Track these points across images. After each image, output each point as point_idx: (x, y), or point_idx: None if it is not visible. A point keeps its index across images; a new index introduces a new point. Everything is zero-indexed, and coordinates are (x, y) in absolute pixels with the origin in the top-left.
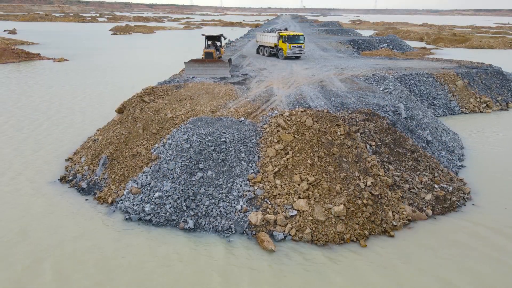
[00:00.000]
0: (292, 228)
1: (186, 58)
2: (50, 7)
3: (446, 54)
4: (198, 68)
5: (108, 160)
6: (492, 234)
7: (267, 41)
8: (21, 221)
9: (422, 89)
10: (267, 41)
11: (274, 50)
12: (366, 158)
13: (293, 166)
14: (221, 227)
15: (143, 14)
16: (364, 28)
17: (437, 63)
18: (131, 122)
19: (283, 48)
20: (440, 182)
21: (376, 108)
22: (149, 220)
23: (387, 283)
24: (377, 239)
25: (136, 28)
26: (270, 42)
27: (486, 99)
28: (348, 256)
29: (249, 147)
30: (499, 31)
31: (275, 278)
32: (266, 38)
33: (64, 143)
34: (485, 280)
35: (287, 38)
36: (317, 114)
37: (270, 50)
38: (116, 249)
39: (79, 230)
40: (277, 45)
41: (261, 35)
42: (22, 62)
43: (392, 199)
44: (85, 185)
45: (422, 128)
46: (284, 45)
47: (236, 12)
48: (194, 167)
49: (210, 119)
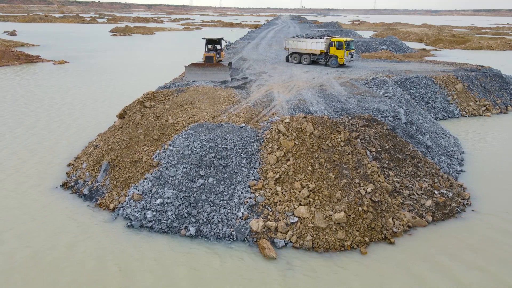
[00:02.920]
0: (293, 235)
1: (186, 60)
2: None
3: (445, 55)
4: (198, 72)
5: (109, 166)
6: (492, 240)
7: (308, 48)
8: (22, 227)
9: (422, 92)
10: (308, 48)
11: (319, 57)
12: (367, 165)
13: (294, 173)
14: (223, 234)
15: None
16: (363, 29)
17: (437, 66)
18: (132, 127)
19: (337, 55)
20: (440, 188)
21: (376, 114)
22: (150, 227)
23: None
24: (378, 246)
25: (136, 29)
26: (313, 49)
27: (486, 102)
28: (349, 263)
29: (250, 153)
30: (498, 31)
31: (276, 285)
32: (306, 44)
33: (65, 148)
34: (488, 285)
35: (344, 45)
36: (317, 120)
37: (312, 57)
38: (118, 256)
39: (81, 236)
40: (326, 52)
41: (297, 42)
42: (22, 65)
43: (392, 206)
44: (87, 191)
45: (422, 133)
46: (340, 52)
47: (236, 13)
48: (195, 173)
49: (211, 125)
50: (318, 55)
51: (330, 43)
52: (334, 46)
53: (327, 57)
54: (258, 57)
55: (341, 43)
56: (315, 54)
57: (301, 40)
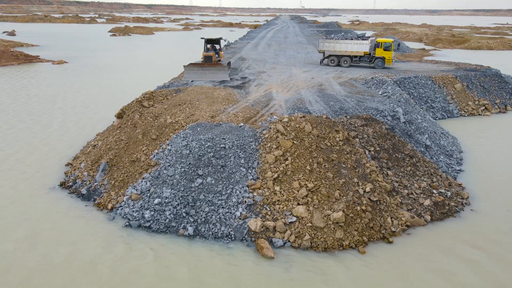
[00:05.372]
0: (292, 235)
1: (185, 60)
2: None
3: (445, 55)
4: (197, 71)
5: (107, 166)
6: (491, 239)
7: (349, 49)
8: (20, 227)
9: (421, 92)
10: (349, 49)
11: (362, 59)
12: (365, 164)
13: (292, 172)
14: (221, 233)
15: (142, 14)
16: (363, 29)
17: (436, 65)
18: (130, 127)
19: (385, 57)
20: (438, 188)
21: (375, 113)
22: (148, 226)
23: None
24: (376, 245)
25: (135, 29)
26: (355, 51)
27: (485, 102)
28: (347, 263)
29: (248, 153)
30: (497, 31)
31: (274, 285)
32: (347, 46)
33: (64, 148)
34: (487, 284)
35: (392, 46)
36: (316, 120)
37: (354, 59)
38: (116, 256)
39: (79, 236)
40: (370, 53)
41: (335, 43)
42: (22, 65)
43: (391, 205)
44: (85, 191)
45: (420, 132)
46: (388, 53)
47: (235, 13)
48: (194, 173)
49: (209, 125)
50: (360, 57)
51: (376, 44)
52: (381, 48)
53: (371, 59)
54: (257, 57)
55: (389, 44)
56: (356, 56)
57: (341, 41)
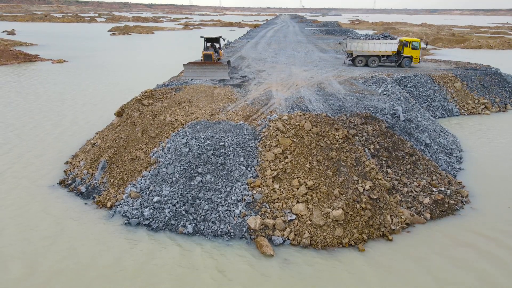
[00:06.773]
0: (291, 233)
1: (185, 59)
2: (48, 7)
3: (445, 54)
4: (197, 70)
5: (107, 164)
6: (490, 237)
7: (377, 49)
8: (19, 225)
9: (421, 90)
10: (377, 49)
11: (390, 58)
12: (365, 162)
13: (292, 170)
14: (220, 231)
15: (142, 14)
16: (363, 28)
17: (436, 64)
18: (130, 125)
19: (413, 56)
20: (438, 186)
21: (374, 111)
22: (148, 224)
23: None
24: (376, 243)
25: (135, 29)
26: (383, 51)
27: (485, 101)
28: (347, 260)
29: (247, 151)
30: (497, 31)
31: (274, 283)
32: (375, 46)
33: (63, 146)
34: (485, 283)
35: (420, 45)
36: (315, 118)
37: (382, 59)
38: (115, 253)
39: (78, 234)
40: (399, 52)
41: (363, 43)
42: (21, 64)
43: (390, 203)
44: (84, 189)
45: (420, 130)
46: (416, 52)
47: (235, 12)
48: (193, 171)
49: (209, 123)
50: (388, 56)
51: (404, 44)
52: (409, 47)
53: (399, 58)
54: (257, 56)
55: (417, 44)
56: (384, 55)
57: (369, 41)
